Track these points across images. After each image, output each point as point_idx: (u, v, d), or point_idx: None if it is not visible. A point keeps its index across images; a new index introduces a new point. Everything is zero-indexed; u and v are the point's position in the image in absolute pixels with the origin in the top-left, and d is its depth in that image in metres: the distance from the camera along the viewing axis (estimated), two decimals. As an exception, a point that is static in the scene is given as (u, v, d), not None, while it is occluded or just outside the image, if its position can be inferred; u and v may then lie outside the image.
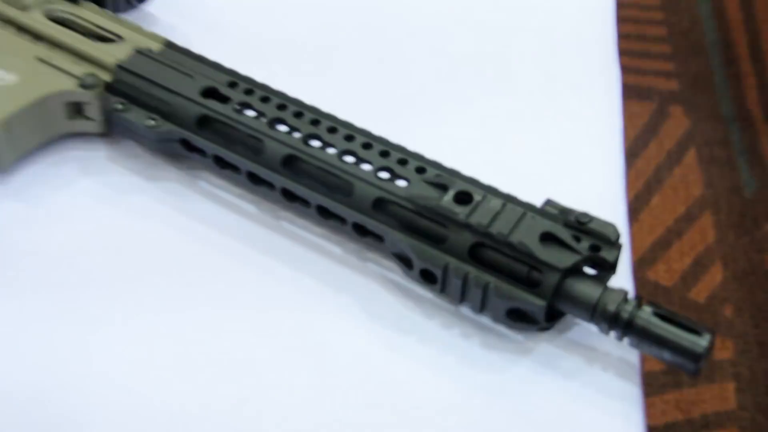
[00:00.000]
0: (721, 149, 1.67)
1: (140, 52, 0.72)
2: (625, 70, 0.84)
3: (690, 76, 1.78)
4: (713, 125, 1.71)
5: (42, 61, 0.71)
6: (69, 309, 0.64)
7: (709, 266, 1.52)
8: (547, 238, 0.62)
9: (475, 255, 0.62)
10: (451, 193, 0.63)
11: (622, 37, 0.87)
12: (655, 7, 1.87)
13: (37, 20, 0.73)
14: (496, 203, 0.63)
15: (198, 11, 0.84)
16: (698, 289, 1.50)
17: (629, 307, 0.60)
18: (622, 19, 0.89)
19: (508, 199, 0.64)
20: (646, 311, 0.60)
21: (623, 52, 0.85)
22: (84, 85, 0.70)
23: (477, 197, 0.63)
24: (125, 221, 0.69)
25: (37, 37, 0.72)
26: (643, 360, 0.64)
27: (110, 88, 0.70)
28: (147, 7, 0.81)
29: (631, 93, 1.70)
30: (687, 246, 1.55)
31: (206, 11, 0.84)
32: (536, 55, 0.83)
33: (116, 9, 0.77)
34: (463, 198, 0.63)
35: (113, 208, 0.70)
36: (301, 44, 0.82)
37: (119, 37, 0.73)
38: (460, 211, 0.62)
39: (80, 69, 0.71)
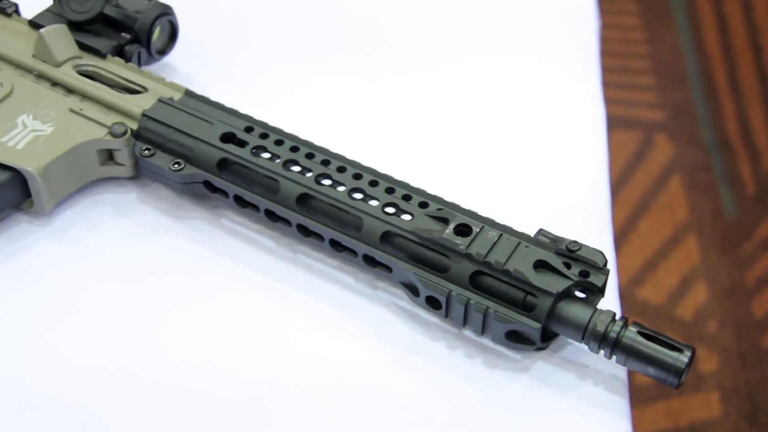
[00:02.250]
0: (703, 175, 1.71)
1: (163, 101, 0.75)
2: (612, 101, 0.88)
3: (673, 106, 1.81)
4: (695, 153, 1.74)
5: (74, 112, 0.75)
6: (107, 339, 0.68)
7: (694, 285, 1.56)
8: (541, 265, 0.65)
9: (475, 282, 0.66)
10: (451, 226, 0.67)
11: (607, 70, 0.91)
12: (638, 41, 1.91)
13: (68, 75, 0.76)
14: (493, 234, 0.66)
15: (213, 61, 0.87)
16: (684, 306, 1.53)
17: (617, 328, 0.63)
18: (606, 53, 0.92)
19: (504, 230, 0.67)
20: (632, 331, 0.63)
21: (608, 84, 0.89)
22: (113, 134, 0.74)
23: (475, 229, 0.67)
24: (156, 257, 0.72)
25: (69, 90, 0.76)
26: (631, 374, 0.68)
27: (137, 135, 0.74)
28: (167, 59, 0.84)
29: (617, 123, 1.73)
30: (673, 266, 1.58)
31: (221, 61, 0.88)
32: (522, 87, 0.87)
33: (140, 62, 0.81)
34: (462, 230, 0.67)
35: (144, 245, 0.73)
36: (311, 89, 0.86)
37: (143, 88, 0.77)
38: (461, 242, 0.66)
39: (109, 119, 0.74)
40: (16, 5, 0.81)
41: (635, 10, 1.96)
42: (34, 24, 0.79)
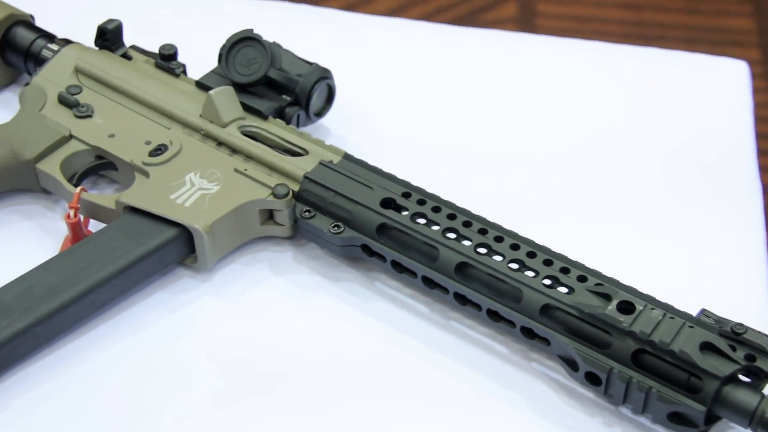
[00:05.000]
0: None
1: (324, 165, 0.77)
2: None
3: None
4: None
5: (239, 172, 0.77)
6: (265, 401, 0.69)
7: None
8: (706, 347, 0.64)
9: (636, 360, 0.65)
10: (614, 303, 0.67)
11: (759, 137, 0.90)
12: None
13: (234, 135, 0.79)
14: (657, 313, 0.66)
15: (365, 123, 0.89)
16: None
17: (786, 415, 0.62)
18: (758, 119, 0.91)
19: (667, 309, 0.67)
20: (803, 420, 0.62)
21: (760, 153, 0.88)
22: (276, 195, 0.76)
23: (639, 307, 0.66)
24: (312, 317, 0.74)
25: (234, 150, 0.79)
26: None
27: (298, 197, 0.76)
28: (321, 120, 0.87)
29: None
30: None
31: (372, 123, 0.89)
32: (680, 162, 0.86)
33: (298, 123, 0.83)
34: (626, 307, 0.67)
35: (300, 304, 0.75)
36: (460, 151, 0.87)
37: (304, 150, 0.79)
38: (624, 319, 0.66)
39: (272, 180, 0.77)
40: (183, 66, 0.84)
41: (761, 72, 1.93)
42: (201, 85, 0.82)
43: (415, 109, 0.91)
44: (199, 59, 0.85)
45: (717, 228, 0.81)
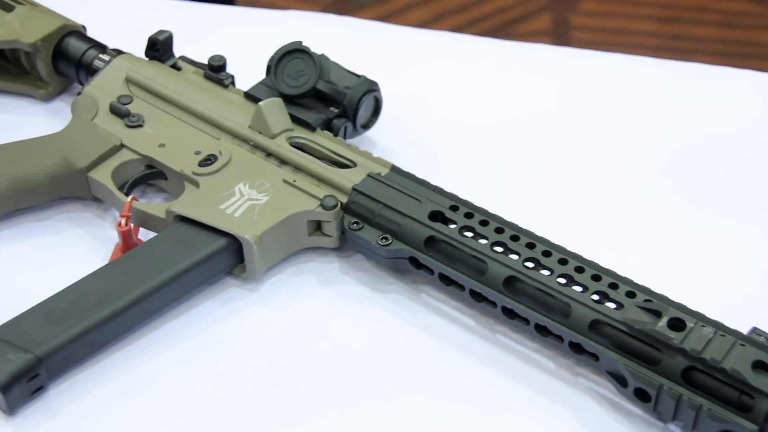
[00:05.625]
0: None
1: (372, 177, 0.77)
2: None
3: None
4: None
5: (288, 183, 0.78)
6: (306, 404, 0.70)
7: None
8: (758, 365, 0.64)
9: (686, 378, 0.65)
10: (665, 319, 0.67)
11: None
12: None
13: (283, 147, 0.80)
14: (708, 330, 0.66)
15: (411, 135, 0.90)
16: None
17: (841, 436, 0.62)
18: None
19: (717, 326, 0.67)
20: None
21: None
22: (325, 206, 0.76)
23: (689, 324, 0.66)
24: (358, 328, 0.74)
25: (283, 161, 0.79)
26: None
27: (346, 209, 0.76)
28: (367, 132, 0.87)
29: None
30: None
31: (418, 135, 0.90)
32: (734, 174, 0.86)
33: (345, 135, 0.84)
34: (677, 324, 0.66)
35: (347, 315, 0.75)
36: (500, 161, 0.87)
37: (352, 162, 0.79)
38: (675, 336, 0.66)
39: (321, 191, 0.77)
40: (232, 77, 0.85)
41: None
42: (250, 96, 0.83)
43: (458, 121, 0.91)
44: (247, 71, 0.86)
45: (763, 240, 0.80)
